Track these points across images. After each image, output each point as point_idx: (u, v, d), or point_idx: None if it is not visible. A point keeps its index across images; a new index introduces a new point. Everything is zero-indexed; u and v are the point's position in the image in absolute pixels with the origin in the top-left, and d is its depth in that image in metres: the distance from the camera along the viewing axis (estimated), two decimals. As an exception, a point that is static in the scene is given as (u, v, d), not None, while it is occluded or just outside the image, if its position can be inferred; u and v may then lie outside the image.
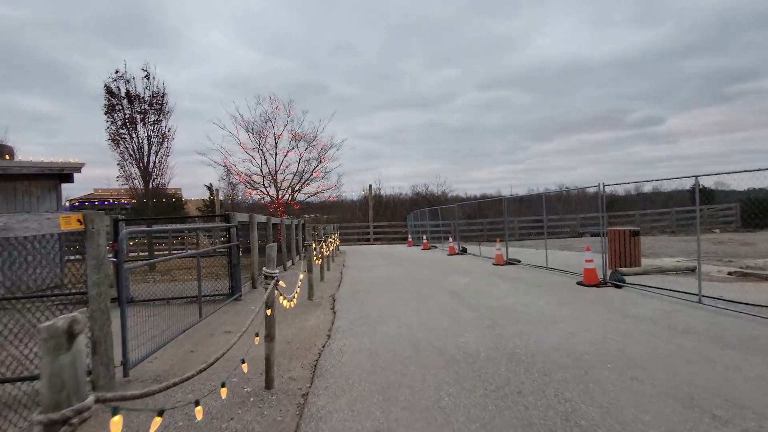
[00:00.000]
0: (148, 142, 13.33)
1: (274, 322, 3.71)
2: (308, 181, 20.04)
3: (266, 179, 19.26)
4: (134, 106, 13.03)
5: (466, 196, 42.99)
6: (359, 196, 36.66)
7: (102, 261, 3.67)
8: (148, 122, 13.39)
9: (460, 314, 5.82)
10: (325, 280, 10.02)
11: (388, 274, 10.69)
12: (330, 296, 7.93)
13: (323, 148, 20.06)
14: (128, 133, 12.97)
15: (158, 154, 13.64)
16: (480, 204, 22.37)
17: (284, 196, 19.63)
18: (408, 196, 43.30)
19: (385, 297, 7.41)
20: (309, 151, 20.00)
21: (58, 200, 9.80)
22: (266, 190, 19.30)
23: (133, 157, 13.11)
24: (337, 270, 12.35)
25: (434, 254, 16.88)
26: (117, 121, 12.87)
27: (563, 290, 7.39)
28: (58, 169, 9.49)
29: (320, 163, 20.17)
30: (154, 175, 13.51)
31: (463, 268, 11.26)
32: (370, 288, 8.52)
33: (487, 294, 7.28)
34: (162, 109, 13.79)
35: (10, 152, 36.04)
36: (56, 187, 9.74)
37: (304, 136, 19.70)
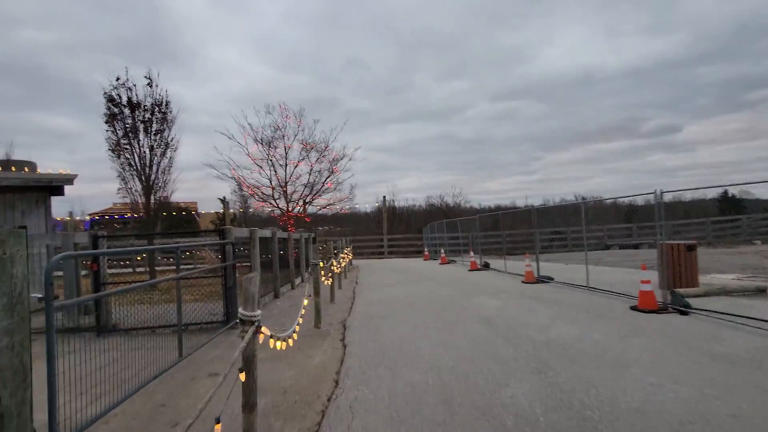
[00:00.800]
0: (150, 152, 12.63)
1: (255, 387, 2.68)
2: (319, 192, 19.20)
3: (276, 191, 18.47)
4: (136, 114, 12.38)
5: (480, 207, 41.84)
6: (373, 208, 35.76)
7: (19, 299, 2.71)
8: (150, 131, 12.71)
9: (498, 351, 4.72)
10: (335, 302, 9.00)
11: (405, 294, 9.61)
12: (340, 322, 6.90)
13: (335, 158, 19.25)
14: (129, 143, 12.30)
15: (161, 165, 12.93)
16: (502, 215, 21.17)
17: (295, 208, 18.79)
18: (422, 208, 42.34)
19: (404, 324, 6.34)
20: (320, 162, 19.21)
21: (47, 214, 9.04)
22: (276, 203, 18.50)
23: (134, 168, 12.40)
24: (349, 288, 11.31)
25: (454, 269, 15.73)
26: (118, 130, 12.23)
27: (617, 318, 6.21)
28: (47, 181, 8.75)
29: (332, 174, 19.33)
30: (156, 188, 12.77)
31: (490, 287, 10.11)
32: (386, 312, 7.46)
33: (526, 322, 6.15)
34: (165, 117, 13.12)
35: (32, 167, 36.28)
36: (45, 200, 9.00)
37: (314, 146, 18.93)
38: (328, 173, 19.23)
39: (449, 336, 5.50)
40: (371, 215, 39.98)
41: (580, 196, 46.60)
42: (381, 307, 7.97)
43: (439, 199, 38.97)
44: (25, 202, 8.47)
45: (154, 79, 12.79)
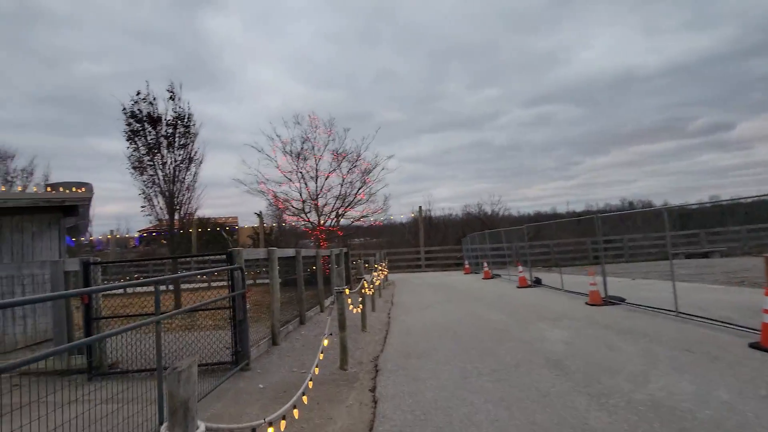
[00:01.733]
0: (174, 167, 12.13)
1: None
2: (351, 204, 18.25)
3: (306, 204, 17.69)
4: (158, 129, 11.93)
5: (519, 215, 39.74)
6: (408, 219, 34.55)
7: None
8: (174, 146, 12.23)
9: (586, 419, 3.38)
10: (367, 329, 7.84)
11: (448, 319, 8.31)
12: (371, 360, 5.72)
13: (367, 169, 18.27)
14: (152, 159, 11.84)
15: (185, 181, 12.39)
16: (551, 224, 19.36)
17: (326, 221, 17.92)
18: (459, 218, 40.70)
19: (449, 367, 5.07)
20: (352, 173, 18.30)
21: (60, 236, 8.49)
22: (306, 216, 17.71)
23: (157, 184, 11.92)
24: (383, 311, 10.13)
25: (499, 286, 14.19)
26: (140, 147, 11.81)
27: (739, 362, 4.65)
28: (58, 201, 8.19)
29: (364, 185, 18.35)
30: (181, 204, 12.23)
31: (548, 310, 8.61)
32: (427, 346, 6.20)
33: (610, 366, 4.72)
34: (188, 131, 12.62)
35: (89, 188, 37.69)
36: (58, 221, 8.45)
37: (346, 155, 18.05)
38: (360, 184, 18.29)
39: (511, 389, 4.19)
40: (407, 226, 38.73)
41: (626, 201, 43.28)
42: (420, 339, 6.73)
43: (476, 208, 37.18)
44: (36, 224, 7.93)
45: (176, 92, 12.34)
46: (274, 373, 5.30)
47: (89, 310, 5.20)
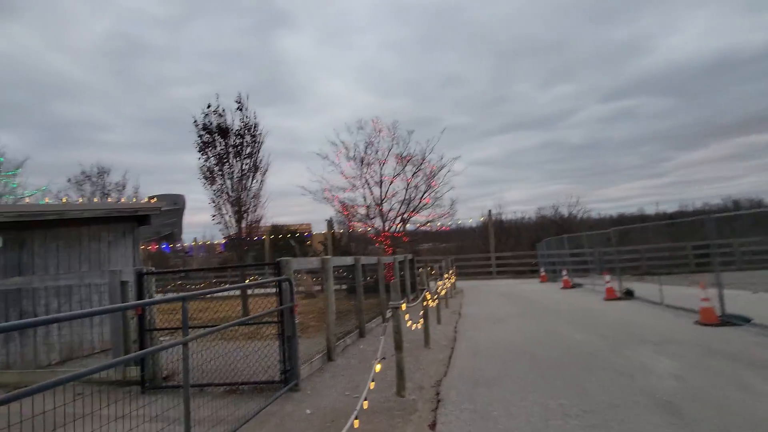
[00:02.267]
0: (241, 176, 12.41)
1: None
2: (417, 209, 17.59)
3: (371, 210, 17.38)
4: (228, 140, 12.30)
5: (599, 217, 36.30)
6: (477, 223, 33.12)
7: None
8: (241, 156, 12.53)
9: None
10: (430, 345, 7.12)
11: (523, 337, 7.31)
12: (433, 385, 5.02)
13: (432, 172, 17.52)
14: (222, 169, 12.22)
15: (251, 189, 12.62)
16: (649, 227, 17.10)
17: (391, 227, 17.45)
18: (532, 221, 38.28)
19: (526, 402, 4.21)
20: (416, 176, 17.66)
21: (134, 244, 8.86)
22: (371, 222, 17.39)
23: (226, 193, 12.25)
24: (450, 324, 9.32)
25: (582, 297, 12.64)
26: (211, 157, 12.24)
27: None
28: (131, 211, 8.55)
29: (429, 188, 17.61)
30: (247, 211, 12.47)
31: (648, 331, 7.24)
32: (498, 371, 5.35)
33: (748, 417, 3.56)
34: (255, 139, 12.87)
35: (182, 200, 40.73)
36: (132, 230, 8.83)
37: (410, 158, 17.47)
38: (426, 188, 17.58)
39: (611, 442, 3.25)
40: (476, 231, 37.20)
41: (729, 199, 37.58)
42: (490, 361, 5.87)
43: (551, 211, 34.58)
44: (112, 233, 8.33)
45: (243, 103, 12.64)
46: (324, 396, 4.81)
47: (143, 321, 5.11)
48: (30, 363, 6.57)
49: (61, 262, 7.27)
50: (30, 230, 6.78)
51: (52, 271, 7.06)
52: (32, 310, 6.71)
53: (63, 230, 7.34)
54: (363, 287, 8.58)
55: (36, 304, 6.80)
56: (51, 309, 6.96)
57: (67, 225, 7.39)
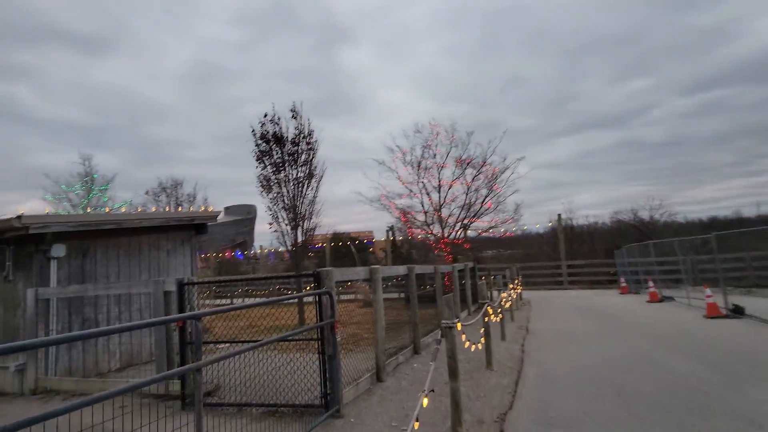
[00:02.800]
0: (297, 184, 12.38)
1: None
2: (478, 214, 16.58)
3: (429, 216, 16.68)
4: (284, 147, 12.34)
5: (685, 222, 32.34)
6: (545, 229, 31.04)
7: None
8: (298, 163, 12.52)
9: None
10: (493, 366, 6.28)
11: (605, 360, 6.22)
12: (495, 420, 4.25)
13: (494, 174, 16.44)
14: (277, 177, 12.26)
15: (306, 197, 12.54)
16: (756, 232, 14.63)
17: (450, 234, 16.61)
18: (607, 226, 35.14)
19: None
20: (477, 179, 16.68)
21: (192, 252, 8.98)
22: (429, 229, 16.66)
23: (282, 200, 12.26)
24: (515, 340, 8.35)
25: (676, 313, 10.91)
26: (267, 165, 12.35)
27: None
28: (188, 219, 8.66)
29: (491, 192, 16.53)
30: (303, 219, 12.39)
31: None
32: (577, 407, 4.42)
33: None
34: (311, 147, 12.81)
35: (254, 210, 42.27)
36: (190, 239, 8.96)
37: (470, 161, 16.55)
38: (487, 191, 16.52)
39: None
40: (544, 237, 34.91)
41: None
42: (566, 394, 4.94)
43: (630, 215, 31.44)
44: (171, 242, 8.49)
45: (298, 111, 12.64)
46: (368, 425, 4.23)
47: (184, 334, 4.90)
48: (92, 369, 6.74)
49: (121, 270, 7.46)
50: (92, 239, 7.00)
51: (113, 279, 7.25)
52: (94, 317, 6.90)
53: (124, 239, 7.54)
54: (420, 297, 7.96)
55: (98, 312, 6.99)
56: (112, 316, 7.13)
57: (128, 234, 7.58)
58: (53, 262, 6.32)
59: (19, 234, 5.89)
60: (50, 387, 5.90)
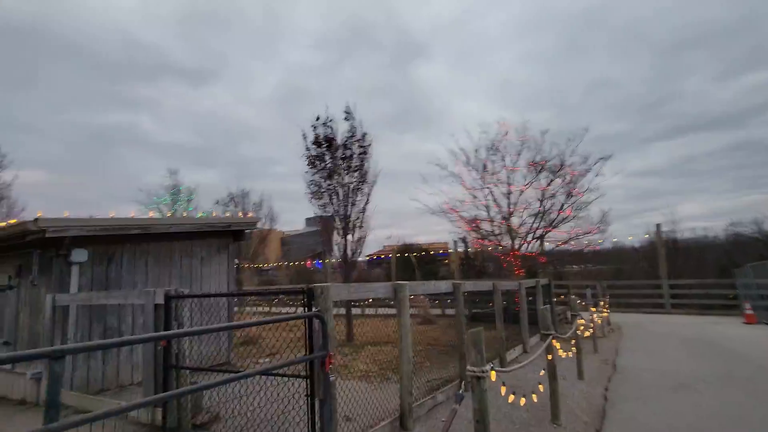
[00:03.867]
0: (347, 190, 11.63)
1: None
2: (553, 223, 14.51)
3: (496, 225, 14.97)
4: (335, 152, 11.69)
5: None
6: (641, 243, 27.21)
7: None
8: (351, 168, 11.78)
9: None
10: (560, 421, 4.72)
11: (738, 429, 4.34)
12: None
13: (573, 178, 14.29)
14: (331, 183, 11.61)
15: (357, 204, 11.72)
16: None
17: (521, 245, 14.73)
18: (721, 240, 29.87)
19: None
20: (554, 184, 14.65)
21: (229, 260, 8.53)
22: (497, 239, 14.93)
23: (333, 207, 11.57)
24: (597, 380, 6.54)
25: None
26: (319, 171, 11.76)
27: None
28: (223, 226, 8.23)
29: (570, 197, 14.38)
30: (353, 228, 11.57)
31: None
32: None
33: None
34: (364, 150, 12.02)
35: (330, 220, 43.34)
36: (227, 246, 8.52)
37: (545, 163, 14.61)
38: (566, 196, 14.39)
39: None
40: (640, 251, 30.59)
41: None
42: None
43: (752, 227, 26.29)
44: (205, 249, 8.10)
45: (351, 112, 11.95)
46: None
47: (168, 355, 4.17)
48: (111, 381, 6.40)
49: (150, 278, 7.14)
50: (119, 244, 6.75)
51: (141, 287, 6.93)
52: (117, 326, 6.60)
53: (153, 245, 7.24)
54: (482, 317, 6.61)
55: (122, 321, 6.68)
56: (137, 325, 6.78)
57: (158, 240, 7.27)
58: (74, 267, 6.10)
59: (40, 237, 5.71)
60: (62, 400, 5.58)
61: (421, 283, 5.79)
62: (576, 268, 37.99)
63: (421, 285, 5.76)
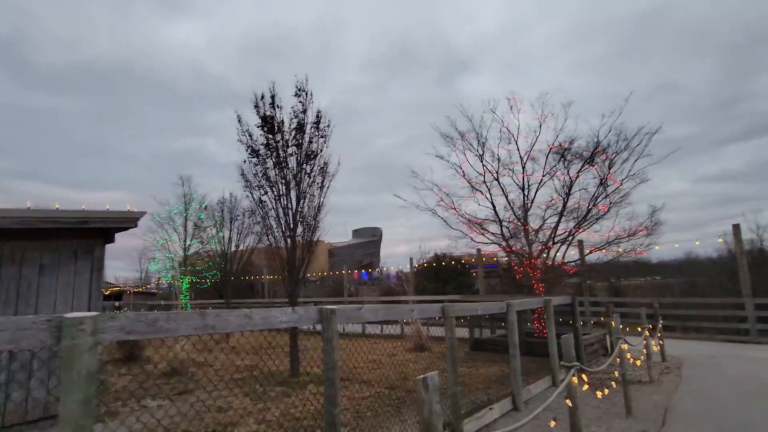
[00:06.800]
0: (297, 183, 9.19)
1: None
2: (583, 223, 11.09)
3: (507, 226, 11.80)
4: (281, 136, 9.33)
5: None
6: (718, 252, 22.35)
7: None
8: (304, 157, 9.35)
9: None
10: None
11: None
12: None
13: (607, 160, 10.88)
14: (272, 174, 9.25)
15: (309, 200, 9.24)
16: None
17: (540, 252, 11.45)
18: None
19: None
20: (585, 171, 11.30)
21: (92, 271, 6.33)
22: (508, 244, 11.71)
23: (281, 203, 9.15)
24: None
25: None
26: (265, 159, 9.43)
27: None
28: (77, 221, 6.03)
29: (605, 189, 10.94)
30: (307, 231, 9.08)
31: None
32: None
33: None
34: (323, 135, 9.58)
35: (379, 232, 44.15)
36: (90, 250, 6.33)
37: (569, 146, 11.33)
38: (600, 188, 10.96)
39: None
40: (716, 263, 25.33)
41: None
42: None
43: None
44: (49, 254, 5.95)
45: (303, 87, 9.57)
46: None
47: None
48: None
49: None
50: None
51: None
52: None
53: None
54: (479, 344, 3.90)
55: None
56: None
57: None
58: None
59: None
60: None
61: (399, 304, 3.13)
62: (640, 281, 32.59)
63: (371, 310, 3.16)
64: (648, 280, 34.24)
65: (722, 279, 22.39)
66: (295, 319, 3.07)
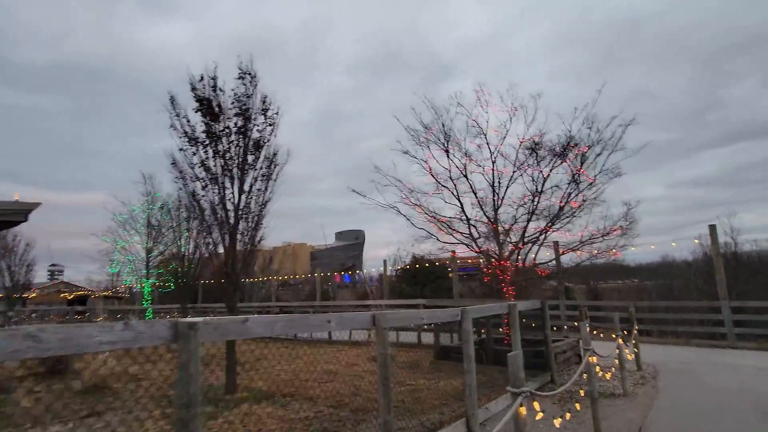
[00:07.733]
0: (241, 175, 8.22)
1: None
2: (555, 222, 10.38)
3: (474, 225, 11.02)
4: (220, 122, 8.36)
5: None
6: (693, 254, 22.19)
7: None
8: (245, 144, 8.39)
9: None
10: None
11: None
12: None
13: (579, 155, 10.22)
14: (212, 164, 8.25)
15: (257, 195, 8.27)
16: None
17: (511, 253, 10.70)
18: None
19: None
20: (555, 166, 10.62)
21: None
22: (477, 244, 10.93)
23: (219, 196, 8.14)
24: None
25: None
26: (202, 149, 8.44)
27: None
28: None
29: (578, 184, 10.26)
30: (244, 229, 8.09)
31: None
32: None
33: None
34: (269, 122, 8.64)
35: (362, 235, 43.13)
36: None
37: (540, 138, 10.65)
38: (572, 183, 10.30)
39: None
40: (691, 265, 25.20)
41: None
42: None
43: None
44: None
45: (247, 69, 8.61)
46: None
47: None
48: None
49: None
50: None
51: None
52: None
53: None
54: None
55: None
56: None
57: None
58: None
59: None
60: None
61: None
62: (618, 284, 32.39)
63: None
64: (625, 282, 34.15)
65: (698, 281, 22.21)
66: (129, 338, 2.16)
